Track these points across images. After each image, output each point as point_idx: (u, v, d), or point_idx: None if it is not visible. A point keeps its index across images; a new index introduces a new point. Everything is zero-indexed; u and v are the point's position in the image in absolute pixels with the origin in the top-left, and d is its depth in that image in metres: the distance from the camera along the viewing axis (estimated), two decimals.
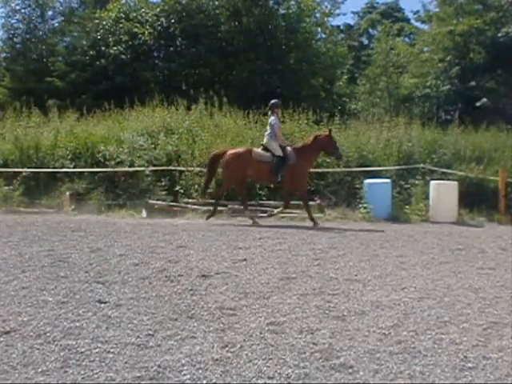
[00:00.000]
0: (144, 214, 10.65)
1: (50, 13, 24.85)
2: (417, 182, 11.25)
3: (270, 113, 10.12)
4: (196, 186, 11.44)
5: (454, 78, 22.43)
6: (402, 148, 12.32)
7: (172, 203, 11.15)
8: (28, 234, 8.07)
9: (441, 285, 5.44)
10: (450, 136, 13.12)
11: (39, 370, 3.36)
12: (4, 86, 23.51)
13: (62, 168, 12.19)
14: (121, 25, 22.98)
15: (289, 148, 9.72)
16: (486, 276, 5.86)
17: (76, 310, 4.46)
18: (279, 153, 9.58)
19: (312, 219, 9.50)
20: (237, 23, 22.97)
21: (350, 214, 10.56)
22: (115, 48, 22.44)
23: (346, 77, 27.06)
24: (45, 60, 23.19)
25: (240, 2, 22.67)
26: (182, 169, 11.82)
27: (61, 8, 25.34)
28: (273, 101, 10.21)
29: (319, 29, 25.39)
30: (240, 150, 9.91)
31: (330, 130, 10.12)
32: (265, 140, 9.86)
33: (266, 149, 9.76)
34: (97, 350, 3.65)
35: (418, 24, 32.48)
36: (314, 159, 10.24)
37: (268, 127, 9.89)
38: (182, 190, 11.51)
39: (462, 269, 6.17)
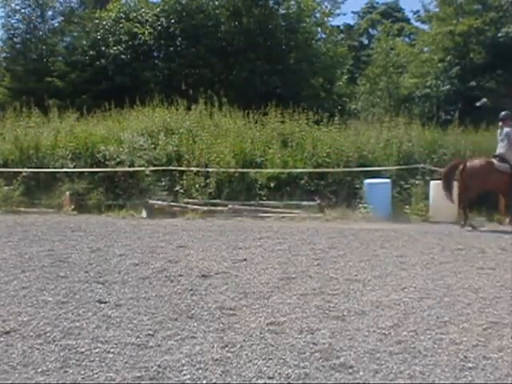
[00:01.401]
0: (144, 213, 10.64)
1: (49, 13, 24.84)
2: (417, 181, 11.24)
3: (501, 123, 10.08)
4: (196, 186, 11.45)
5: (454, 78, 22.40)
6: (402, 148, 12.29)
7: (172, 203, 11.14)
8: (28, 233, 8.07)
9: (441, 285, 5.44)
10: (450, 136, 13.10)
11: (39, 369, 3.36)
12: (4, 85, 23.50)
13: (61, 168, 12.18)
14: (121, 25, 22.97)
15: None
16: (486, 276, 5.86)
17: (76, 310, 4.46)
18: None
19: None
20: (237, 23, 22.96)
21: (350, 213, 10.55)
22: (115, 48, 22.44)
23: (346, 77, 27.04)
24: (45, 60, 23.16)
25: (240, 2, 22.66)
26: (182, 169, 11.81)
27: (61, 8, 25.34)
28: (504, 112, 10.22)
29: (319, 29, 25.39)
30: (481, 161, 9.92)
31: None
32: (501, 150, 9.87)
33: (502, 160, 9.80)
34: (97, 350, 3.65)
35: (418, 24, 32.52)
36: None
37: (502, 137, 9.87)
38: (182, 190, 11.51)
39: (462, 269, 6.16)
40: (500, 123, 10.17)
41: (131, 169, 11.90)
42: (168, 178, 11.77)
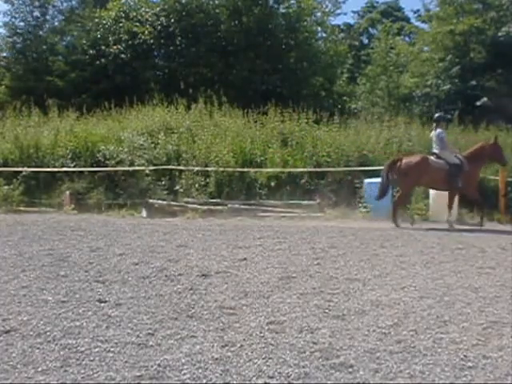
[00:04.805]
0: (144, 213, 10.65)
1: (50, 12, 24.84)
2: None
3: (435, 125, 10.11)
4: (196, 186, 11.45)
5: (454, 77, 22.38)
6: (402, 147, 12.29)
7: (172, 202, 11.15)
8: (28, 233, 8.07)
9: (441, 284, 5.44)
10: (450, 135, 13.10)
11: (39, 369, 3.36)
12: (4, 84, 23.49)
13: (62, 167, 12.18)
14: (121, 24, 22.96)
15: None
16: (486, 275, 5.86)
17: (76, 310, 4.47)
18: None
19: None
20: (237, 22, 22.94)
21: (350, 213, 10.55)
22: (115, 47, 22.43)
23: (346, 75, 27.01)
24: (45, 59, 23.15)
25: (240, 1, 22.64)
26: (182, 168, 11.82)
27: (61, 7, 25.33)
28: (438, 114, 10.28)
29: (319, 28, 25.37)
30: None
31: None
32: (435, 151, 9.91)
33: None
34: (97, 350, 3.65)
35: (418, 23, 32.52)
36: None
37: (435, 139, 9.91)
38: (181, 190, 11.51)
39: (462, 268, 6.16)
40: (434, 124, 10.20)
41: (131, 168, 11.90)
42: (168, 177, 11.78)
